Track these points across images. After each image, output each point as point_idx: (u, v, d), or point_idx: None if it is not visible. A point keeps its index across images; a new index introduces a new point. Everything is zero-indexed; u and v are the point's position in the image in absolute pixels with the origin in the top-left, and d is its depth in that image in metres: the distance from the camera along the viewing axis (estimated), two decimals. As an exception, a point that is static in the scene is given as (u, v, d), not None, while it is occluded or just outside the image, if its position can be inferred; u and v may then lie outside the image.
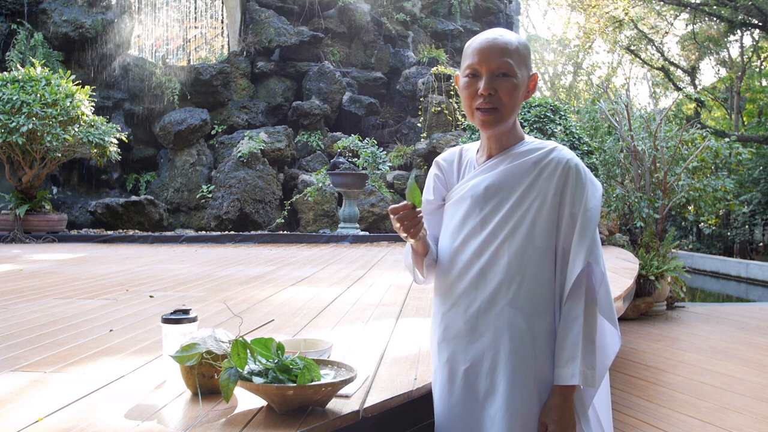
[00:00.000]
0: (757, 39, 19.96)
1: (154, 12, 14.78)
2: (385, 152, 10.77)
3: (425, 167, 12.38)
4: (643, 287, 6.91)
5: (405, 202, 1.47)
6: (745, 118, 20.15)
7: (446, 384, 1.60)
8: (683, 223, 16.80)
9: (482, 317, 1.53)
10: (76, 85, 9.64)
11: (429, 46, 14.79)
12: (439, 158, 1.74)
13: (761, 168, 15.82)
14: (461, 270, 1.57)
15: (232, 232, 10.18)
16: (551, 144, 1.60)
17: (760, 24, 16.61)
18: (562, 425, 1.47)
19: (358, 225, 10.02)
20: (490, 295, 1.52)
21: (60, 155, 9.54)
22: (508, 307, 1.50)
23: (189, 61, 15.27)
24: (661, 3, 18.48)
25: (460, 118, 12.44)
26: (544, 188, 1.53)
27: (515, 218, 1.53)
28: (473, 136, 8.91)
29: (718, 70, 23.31)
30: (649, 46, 22.29)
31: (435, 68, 12.86)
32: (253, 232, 10.01)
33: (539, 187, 1.53)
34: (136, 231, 10.52)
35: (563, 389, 1.48)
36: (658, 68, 22.58)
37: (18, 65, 10.71)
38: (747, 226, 16.63)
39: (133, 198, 11.01)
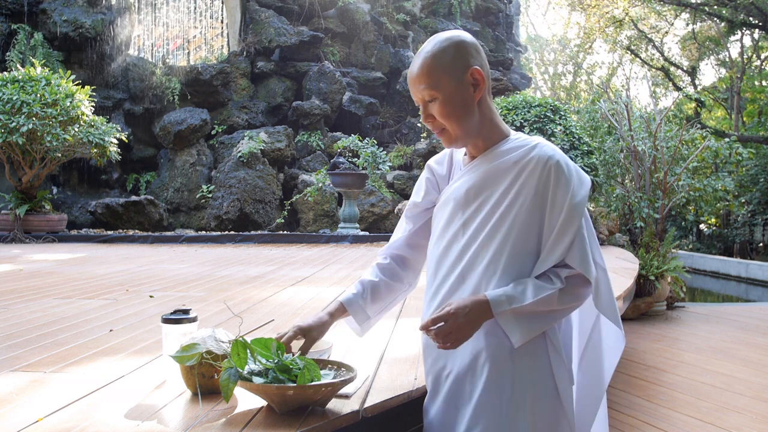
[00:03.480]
0: (757, 39, 19.97)
1: (154, 12, 14.78)
2: (385, 152, 10.77)
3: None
4: (643, 287, 6.91)
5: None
6: (745, 118, 20.15)
7: (431, 389, 1.59)
8: (683, 223, 16.78)
9: None
10: (76, 85, 9.64)
11: (429, 46, 14.77)
12: (431, 161, 1.71)
13: (760, 168, 15.82)
14: (445, 274, 1.54)
15: (232, 232, 10.18)
16: (534, 140, 1.51)
17: (760, 24, 16.61)
18: (456, 329, 1.41)
19: (358, 225, 10.02)
20: None
21: (60, 155, 9.54)
22: None
23: (189, 61, 15.27)
24: (661, 3, 18.48)
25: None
26: (524, 188, 1.46)
27: (494, 220, 1.47)
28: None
29: (718, 70, 23.32)
30: (649, 46, 22.29)
31: (435, 68, 12.85)
32: (253, 232, 10.01)
33: (518, 187, 1.46)
34: (136, 231, 10.52)
35: (482, 303, 1.42)
36: (658, 68, 22.58)
37: (18, 65, 10.71)
38: (747, 227, 16.63)
39: (133, 198, 11.01)
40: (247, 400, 1.61)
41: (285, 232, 10.78)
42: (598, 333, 1.60)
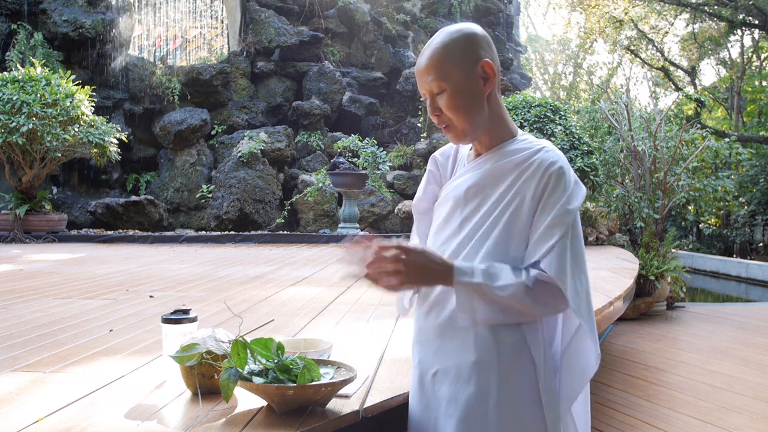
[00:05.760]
0: (757, 39, 19.97)
1: (154, 12, 14.78)
2: (385, 152, 10.77)
3: (425, 168, 12.38)
4: (643, 287, 6.91)
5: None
6: (745, 118, 20.14)
7: (417, 387, 1.56)
8: (683, 223, 16.79)
9: (451, 325, 1.46)
10: (76, 85, 9.64)
11: (429, 46, 14.77)
12: (436, 153, 1.67)
13: (760, 168, 15.82)
14: None
15: (232, 232, 10.18)
16: (540, 144, 1.48)
17: (760, 24, 16.61)
18: (409, 267, 1.35)
19: (358, 225, 10.01)
20: None
21: (60, 155, 9.54)
22: None
23: (189, 61, 15.27)
24: (661, 3, 18.48)
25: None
26: (522, 191, 1.42)
27: (489, 222, 1.44)
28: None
29: (719, 70, 23.33)
30: (649, 46, 22.29)
31: (435, 68, 12.85)
32: (253, 232, 10.01)
33: (517, 189, 1.43)
34: (136, 231, 10.52)
35: (448, 268, 1.38)
36: (658, 68, 22.58)
37: (18, 65, 10.71)
38: (747, 227, 16.63)
39: (133, 198, 11.01)
40: (247, 400, 1.61)
41: (285, 232, 10.78)
42: (576, 343, 1.53)
